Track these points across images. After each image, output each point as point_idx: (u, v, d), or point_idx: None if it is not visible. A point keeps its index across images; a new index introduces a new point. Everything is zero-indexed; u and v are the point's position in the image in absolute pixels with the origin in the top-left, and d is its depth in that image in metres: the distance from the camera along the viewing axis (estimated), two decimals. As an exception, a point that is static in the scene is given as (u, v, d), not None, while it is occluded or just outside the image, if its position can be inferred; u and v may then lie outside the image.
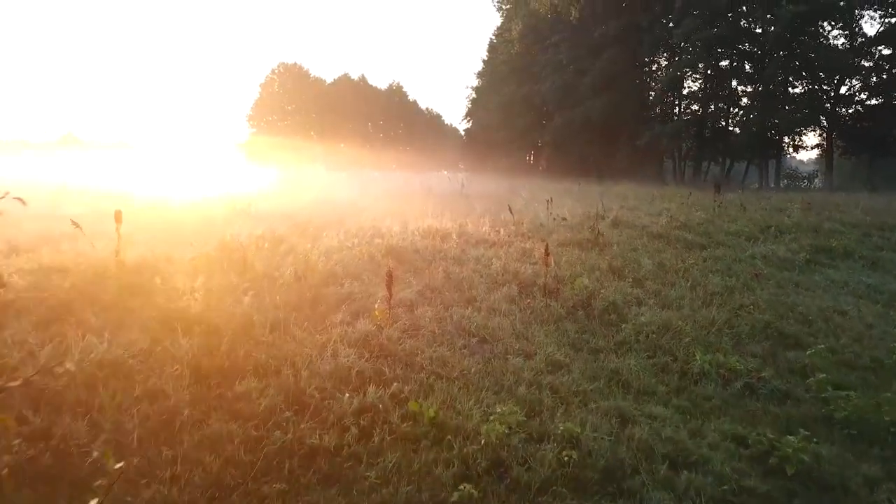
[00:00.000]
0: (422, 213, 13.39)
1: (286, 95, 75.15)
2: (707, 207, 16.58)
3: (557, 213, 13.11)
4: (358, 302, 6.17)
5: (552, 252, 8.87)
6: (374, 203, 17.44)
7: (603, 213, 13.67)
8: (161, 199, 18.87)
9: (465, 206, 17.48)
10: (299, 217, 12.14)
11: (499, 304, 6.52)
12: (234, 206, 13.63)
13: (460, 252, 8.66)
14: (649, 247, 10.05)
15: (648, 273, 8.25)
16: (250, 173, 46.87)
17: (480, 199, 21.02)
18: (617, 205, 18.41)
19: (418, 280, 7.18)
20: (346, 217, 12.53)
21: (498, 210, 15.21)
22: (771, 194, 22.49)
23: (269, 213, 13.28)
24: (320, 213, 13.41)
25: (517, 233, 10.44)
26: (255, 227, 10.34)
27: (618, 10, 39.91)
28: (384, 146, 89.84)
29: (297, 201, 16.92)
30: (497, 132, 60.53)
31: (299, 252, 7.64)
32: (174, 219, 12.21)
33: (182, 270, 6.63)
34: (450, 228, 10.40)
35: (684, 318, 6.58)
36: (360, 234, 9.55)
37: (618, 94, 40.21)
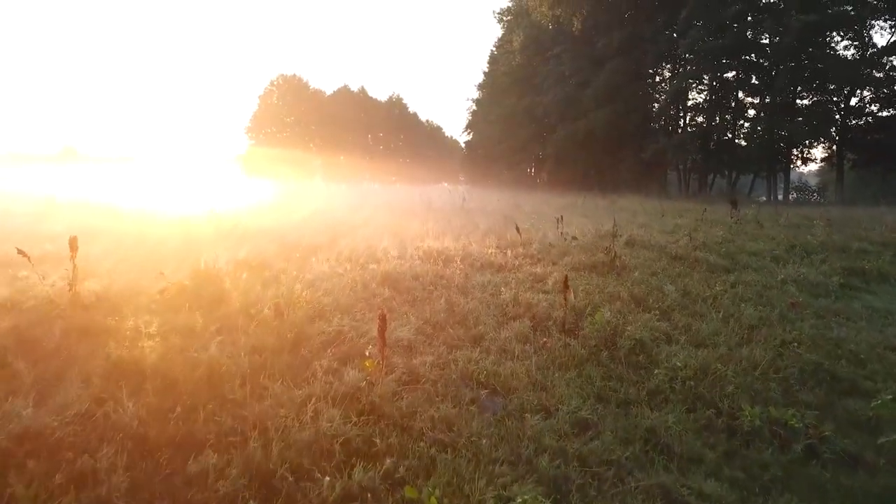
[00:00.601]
0: (421, 231, 12.58)
1: (285, 107, 74.54)
2: (723, 224, 15.78)
3: (567, 231, 12.30)
4: (347, 343, 5.32)
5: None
6: (371, 218, 16.64)
7: (616, 231, 12.83)
8: (149, 214, 18.11)
9: (466, 222, 16.68)
10: (290, 236, 11.31)
11: (510, 343, 5.67)
12: (222, 224, 12.81)
13: (464, 278, 7.81)
14: (670, 271, 9.20)
15: (674, 302, 7.40)
16: (247, 187, 46.17)
17: (483, 215, 20.24)
18: (626, 221, 17.62)
19: (417, 313, 6.33)
20: (340, 236, 11.70)
21: (502, 227, 14.40)
22: (785, 209, 21.67)
23: (258, 231, 12.44)
24: (313, 231, 12.58)
25: (525, 255, 9.59)
26: (239, 249, 9.52)
27: (621, 21, 39.34)
28: (384, 158, 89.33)
29: (291, 217, 16.11)
30: (498, 144, 59.97)
31: (284, 281, 6.79)
32: (156, 237, 11.38)
33: (146, 306, 5.79)
34: (452, 250, 9.57)
35: (722, 358, 5.72)
36: (354, 257, 8.71)
37: (621, 105, 39.54)
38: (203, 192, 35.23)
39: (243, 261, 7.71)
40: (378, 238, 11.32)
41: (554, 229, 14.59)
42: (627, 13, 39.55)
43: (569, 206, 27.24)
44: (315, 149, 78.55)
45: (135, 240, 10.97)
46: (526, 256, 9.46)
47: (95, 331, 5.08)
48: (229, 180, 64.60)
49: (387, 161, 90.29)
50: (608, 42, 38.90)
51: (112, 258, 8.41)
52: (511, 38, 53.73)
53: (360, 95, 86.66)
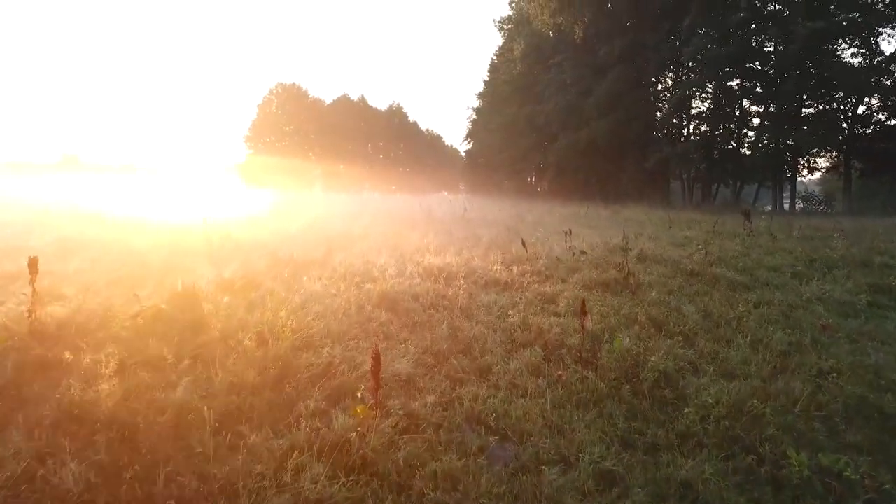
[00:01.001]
0: (421, 245, 12.00)
1: (284, 116, 74.07)
2: (736, 236, 15.22)
3: (575, 245, 11.72)
4: (338, 378, 4.72)
5: (576, 298, 7.46)
6: (369, 230, 16.08)
7: (626, 244, 12.25)
8: (141, 224, 17.59)
9: (468, 233, 16.11)
10: (283, 250, 10.72)
11: (521, 376, 5.07)
12: (214, 236, 12.23)
13: (468, 298, 7.21)
14: (687, 289, 8.60)
15: (696, 326, 6.80)
16: (244, 196, 45.66)
17: (484, 225, 19.67)
18: (633, 232, 17.05)
19: (417, 340, 5.74)
20: (336, 249, 11.12)
21: (506, 239, 13.84)
22: (795, 219, 21.09)
23: (250, 243, 11.86)
24: (308, 244, 12.00)
25: (532, 271, 9.00)
26: (228, 264, 8.94)
27: (623, 29, 38.92)
28: (384, 167, 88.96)
29: (287, 229, 15.53)
30: (499, 153, 59.57)
31: (270, 304, 6.20)
32: (143, 249, 10.80)
33: (114, 334, 5.20)
34: (454, 266, 8.98)
35: (757, 392, 5.12)
36: (349, 274, 8.12)
37: (623, 114, 39.04)
38: (200, 202, 34.70)
39: (229, 280, 7.12)
40: (376, 252, 10.75)
41: (560, 242, 14.02)
42: (629, 21, 39.13)
43: (572, 216, 26.70)
44: (315, 158, 78.05)
45: (120, 252, 10.40)
46: (533, 273, 8.86)
47: (52, 365, 4.49)
48: (227, 189, 64.16)
49: (387, 170, 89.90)
50: (610, 50, 38.46)
51: (89, 275, 7.82)
52: (512, 47, 53.34)
53: (360, 104, 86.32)
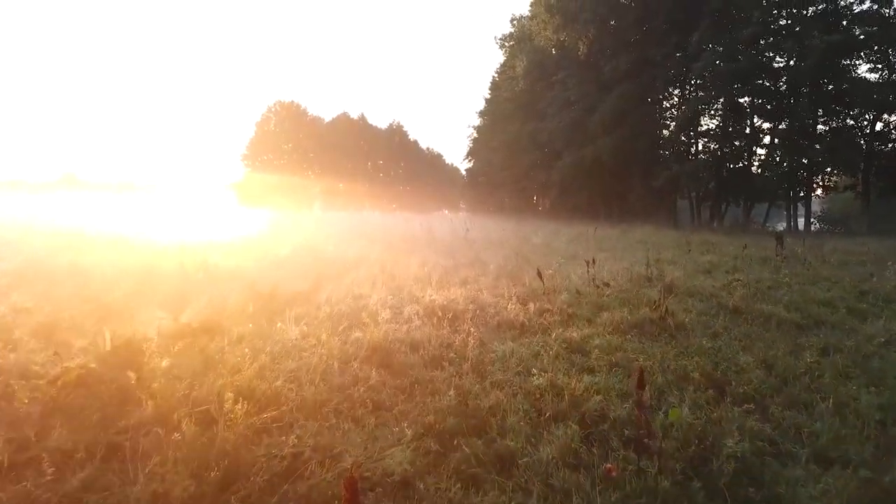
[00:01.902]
0: (421, 273, 10.73)
1: (283, 134, 73.04)
2: (763, 261, 13.97)
3: (594, 272, 10.46)
4: (307, 478, 3.42)
5: (610, 346, 6.19)
6: (365, 255, 14.81)
7: (650, 273, 10.99)
8: (119, 246, 16.43)
9: (473, 258, 14.85)
10: (265, 280, 9.44)
11: (557, 471, 3.76)
12: (190, 263, 10.97)
13: (478, 348, 5.91)
14: (735, 331, 7.30)
15: (760, 383, 5.50)
16: (238, 216, 44.47)
17: (489, 248, 18.42)
18: (651, 257, 15.77)
19: (416, 411, 4.44)
20: (325, 280, 9.84)
21: (515, 266, 12.56)
22: (818, 242, 19.81)
23: (230, 271, 10.60)
24: (295, 273, 10.73)
25: (552, 309, 7.69)
26: (197, 298, 7.67)
27: (628, 45, 37.95)
28: (384, 186, 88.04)
29: (275, 254, 14.27)
30: (500, 171, 58.57)
31: (230, 360, 4.91)
32: (106, 278, 9.53)
33: (14, 412, 3.90)
34: (459, 301, 7.69)
35: (867, 489, 3.82)
36: (336, 314, 6.84)
37: (629, 131, 37.94)
38: (191, 222, 33.54)
39: (185, 325, 5.82)
40: (370, 283, 9.48)
41: (575, 267, 12.77)
42: (635, 37, 38.21)
43: (580, 237, 25.46)
44: (314, 176, 77.01)
45: (77, 284, 9.12)
46: (553, 312, 7.56)
47: None
48: (222, 209, 63.07)
49: (387, 188, 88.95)
50: (615, 66, 37.45)
51: (25, 317, 6.53)
52: (514, 64, 52.55)
53: (359, 123, 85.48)
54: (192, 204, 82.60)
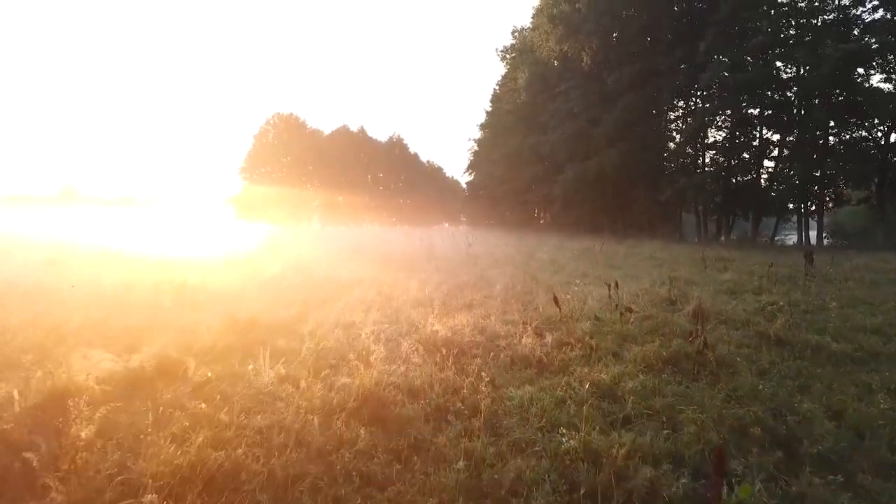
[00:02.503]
0: (422, 295, 9.77)
1: (281, 147, 72.17)
2: (788, 279, 13.01)
3: (611, 293, 9.52)
4: None
5: (645, 388, 5.23)
6: (361, 274, 13.86)
7: (673, 294, 10.03)
8: (104, 262, 15.58)
9: (477, 277, 13.90)
10: (248, 305, 8.50)
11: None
12: (171, 283, 10.02)
13: (491, 393, 4.92)
14: (783, 367, 6.32)
15: (835, 441, 4.52)
16: (234, 230, 43.61)
17: (494, 265, 17.46)
18: (665, 273, 14.83)
19: (413, 491, 3.46)
20: (315, 305, 8.89)
21: (523, 286, 11.59)
22: (836, 257, 18.82)
23: (211, 294, 9.64)
24: (283, 295, 9.78)
25: (572, 340, 6.71)
26: (164, 330, 6.71)
27: (633, 56, 37.19)
28: (384, 199, 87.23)
29: (264, 273, 13.31)
30: (501, 184, 57.72)
31: (181, 415, 3.94)
32: (74, 303, 8.57)
33: None
34: (466, 331, 6.72)
35: None
36: (322, 351, 5.87)
37: (635, 143, 37.08)
38: (184, 237, 32.67)
39: (139, 369, 4.85)
40: (365, 308, 8.51)
41: (588, 286, 11.82)
42: (640, 48, 37.50)
43: (586, 252, 24.52)
44: (313, 189, 76.13)
45: (42, 307, 8.16)
46: (573, 344, 6.58)
47: None
48: (219, 223, 62.22)
49: (387, 202, 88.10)
50: (619, 78, 36.65)
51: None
52: (515, 76, 51.85)
53: (359, 135, 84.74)
54: (190, 218, 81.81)
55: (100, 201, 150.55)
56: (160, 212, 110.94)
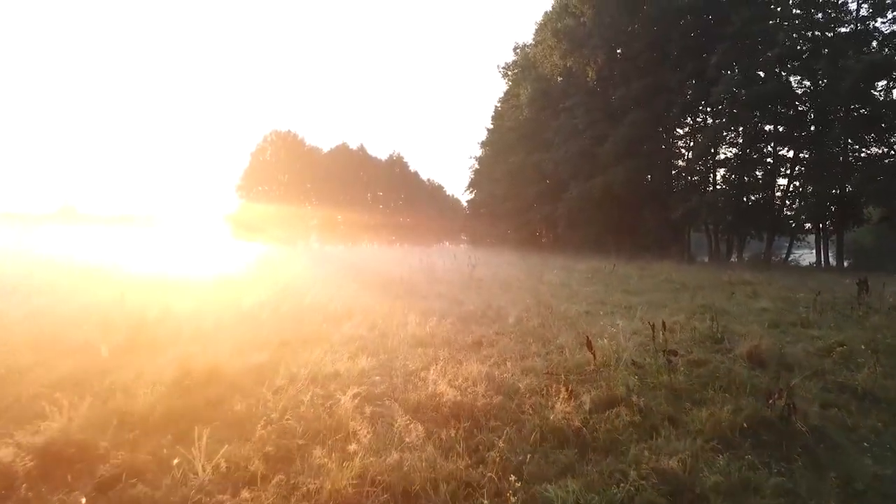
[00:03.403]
0: (423, 334, 8.33)
1: (279, 164, 70.85)
2: (832, 308, 11.57)
3: (637, 323, 8.11)
4: None
5: (730, 488, 3.80)
6: (354, 303, 12.44)
7: (715, 331, 8.59)
8: (78, 285, 14.24)
9: (483, 303, 12.48)
10: (214, 345, 7.08)
11: None
12: (137, 317, 8.60)
13: (521, 493, 3.48)
14: (886, 434, 4.89)
15: None
16: (229, 250, 42.23)
17: (501, 289, 16.04)
18: (690, 301, 13.41)
19: None
20: (294, 345, 7.47)
21: (538, 317, 10.15)
22: (875, 283, 17.37)
23: (178, 330, 8.20)
24: (260, 330, 8.35)
25: (616, 399, 5.26)
26: (90, 386, 5.30)
27: (640, 71, 36.15)
28: (384, 217, 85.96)
29: (248, 298, 11.88)
30: (503, 203, 56.41)
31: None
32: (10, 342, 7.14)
33: None
34: (478, 389, 5.26)
35: None
36: (287, 426, 4.43)
37: (643, 161, 35.90)
38: (175, 257, 31.33)
39: (10, 462, 3.41)
40: (353, 352, 7.07)
41: (609, 315, 10.41)
42: (647, 62, 36.43)
43: (596, 274, 23.11)
44: (311, 208, 74.81)
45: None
46: (617, 404, 5.13)
47: None
48: (213, 242, 60.84)
49: (387, 220, 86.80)
50: (625, 93, 35.55)
51: None
52: (518, 92, 50.81)
53: (359, 153, 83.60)
54: (186, 237, 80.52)
55: (99, 219, 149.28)
56: (157, 230, 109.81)
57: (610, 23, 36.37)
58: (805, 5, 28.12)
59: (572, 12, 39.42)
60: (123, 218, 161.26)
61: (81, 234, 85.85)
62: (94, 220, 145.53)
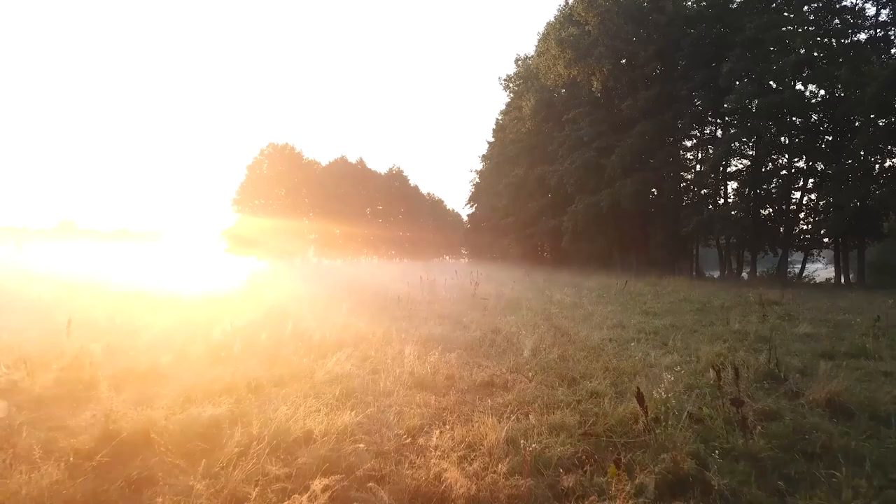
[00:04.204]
0: (423, 374, 6.95)
1: (276, 178, 69.43)
2: (885, 335, 10.18)
3: (678, 358, 6.75)
4: None
5: None
6: (348, 321, 11.09)
7: (773, 366, 7.19)
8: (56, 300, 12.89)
9: (488, 326, 11.13)
10: (168, 389, 5.71)
11: None
12: (78, 350, 7.23)
13: None
14: None
15: None
16: (222, 266, 40.97)
17: (508, 309, 14.67)
18: (717, 323, 12.04)
19: None
20: (266, 388, 6.10)
21: (556, 348, 8.76)
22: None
23: (127, 370, 6.84)
24: (226, 368, 6.96)
25: (686, 481, 3.88)
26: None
27: (648, 80, 34.95)
28: (383, 231, 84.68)
29: (226, 323, 10.50)
30: (505, 217, 55.08)
31: None
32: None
33: None
34: (499, 476, 3.87)
35: None
36: None
37: (651, 173, 34.63)
38: (162, 273, 30.06)
39: None
40: (335, 400, 5.69)
41: (635, 343, 9.04)
42: (655, 71, 35.25)
43: (606, 292, 21.76)
44: (309, 222, 73.43)
45: None
46: (689, 488, 3.75)
47: None
48: (207, 258, 59.61)
49: (386, 234, 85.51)
50: (633, 103, 34.32)
51: None
52: (520, 104, 49.63)
53: (358, 167, 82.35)
54: (181, 252, 79.13)
55: (97, 234, 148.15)
56: (154, 245, 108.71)
57: (616, 31, 35.21)
58: (822, 11, 26.97)
59: (576, 21, 38.29)
60: (122, 233, 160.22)
61: (75, 248, 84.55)
62: (93, 234, 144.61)
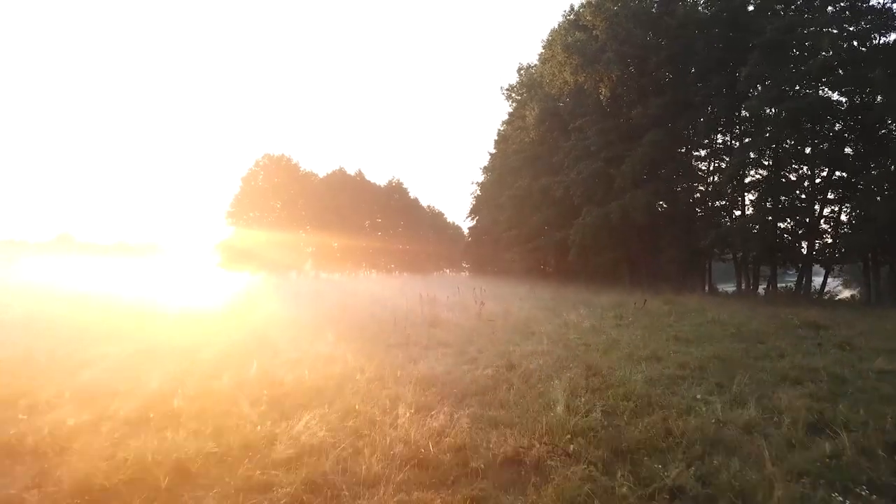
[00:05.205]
0: (417, 437, 5.18)
1: (272, 190, 67.71)
2: None
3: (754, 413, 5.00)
4: None
5: None
6: (336, 353, 9.35)
7: None
8: None
9: (500, 355, 9.38)
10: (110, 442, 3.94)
11: None
12: None
13: None
14: None
15: None
16: (213, 281, 39.33)
17: (520, 335, 12.88)
18: (765, 356, 10.30)
19: None
20: (211, 464, 4.35)
21: (590, 397, 6.99)
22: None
23: (78, 404, 5.08)
24: (156, 435, 5.20)
25: None
26: None
27: (659, 87, 33.35)
28: (383, 243, 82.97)
29: (196, 352, 8.75)
30: (507, 230, 53.26)
31: None
32: None
33: None
34: None
35: None
36: None
37: (662, 184, 32.96)
38: (149, 289, 28.41)
39: None
40: (314, 467, 3.92)
41: (689, 387, 7.29)
42: (667, 77, 33.65)
43: (622, 309, 19.93)
44: (306, 235, 71.71)
45: None
46: None
47: None
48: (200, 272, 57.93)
49: (385, 247, 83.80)
50: (643, 111, 32.70)
51: None
52: (523, 114, 48.04)
53: (356, 179, 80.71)
54: (174, 266, 77.33)
55: (94, 248, 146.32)
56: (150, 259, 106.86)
57: (625, 36, 33.65)
58: (847, 11, 25.40)
59: (583, 26, 36.82)
60: (120, 246, 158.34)
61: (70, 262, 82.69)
62: (91, 248, 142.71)
